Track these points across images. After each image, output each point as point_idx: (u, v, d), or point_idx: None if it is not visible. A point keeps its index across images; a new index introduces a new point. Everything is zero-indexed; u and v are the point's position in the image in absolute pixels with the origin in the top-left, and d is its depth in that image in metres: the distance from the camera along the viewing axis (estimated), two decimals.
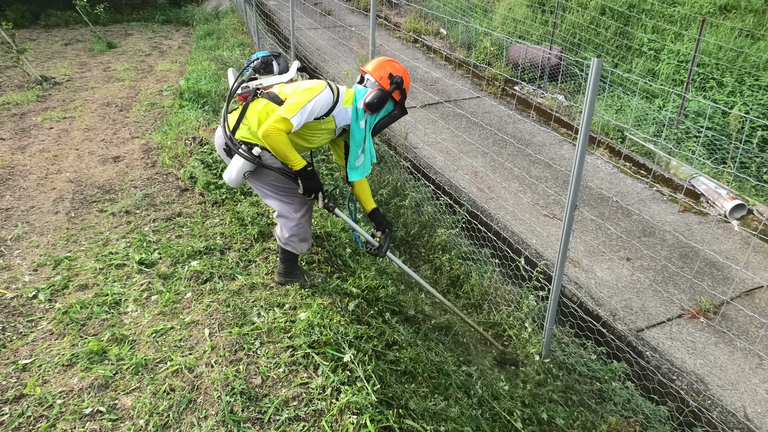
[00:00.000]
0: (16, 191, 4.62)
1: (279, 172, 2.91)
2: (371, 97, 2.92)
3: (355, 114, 2.96)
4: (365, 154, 3.09)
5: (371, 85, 2.97)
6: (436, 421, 2.48)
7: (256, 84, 3.00)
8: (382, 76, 2.96)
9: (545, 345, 3.46)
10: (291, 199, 3.01)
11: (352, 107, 2.95)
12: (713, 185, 5.86)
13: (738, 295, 4.50)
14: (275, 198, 3.02)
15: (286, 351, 2.68)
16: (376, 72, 2.98)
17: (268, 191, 3.01)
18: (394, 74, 2.97)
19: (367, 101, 2.92)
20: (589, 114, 2.71)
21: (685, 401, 3.50)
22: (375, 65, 3.03)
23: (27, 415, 2.31)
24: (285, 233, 3.06)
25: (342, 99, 2.93)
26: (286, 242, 3.09)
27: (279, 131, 2.70)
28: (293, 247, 3.11)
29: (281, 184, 2.97)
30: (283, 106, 2.76)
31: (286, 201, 3.01)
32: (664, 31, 8.74)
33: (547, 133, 7.33)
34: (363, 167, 3.13)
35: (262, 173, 2.94)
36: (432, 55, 10.52)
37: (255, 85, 2.99)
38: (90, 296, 3.12)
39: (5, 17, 11.96)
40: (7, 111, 6.91)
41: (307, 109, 2.76)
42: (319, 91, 2.80)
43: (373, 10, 5.02)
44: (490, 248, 4.71)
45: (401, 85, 2.99)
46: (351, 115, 2.96)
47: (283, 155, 2.77)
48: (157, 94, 7.69)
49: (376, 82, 2.96)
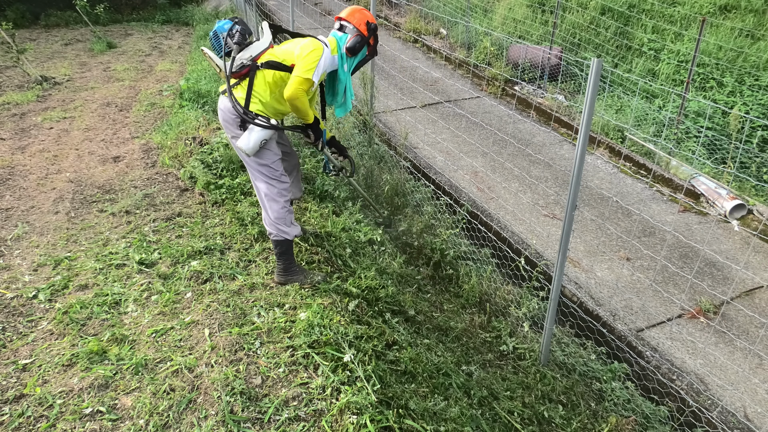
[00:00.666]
0: (16, 191, 4.62)
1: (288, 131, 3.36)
2: (352, 42, 3.27)
3: (341, 60, 3.28)
4: (348, 93, 3.45)
5: (350, 31, 3.30)
6: (436, 421, 2.48)
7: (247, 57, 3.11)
8: (360, 23, 3.30)
9: (545, 345, 3.46)
10: (279, 184, 3.23)
11: (338, 54, 3.26)
12: (713, 185, 5.86)
13: (738, 295, 4.50)
14: (265, 181, 3.20)
15: (286, 351, 2.68)
16: (354, 19, 3.31)
17: (260, 173, 3.20)
18: (371, 22, 3.32)
19: (349, 46, 3.27)
20: (589, 114, 2.71)
21: (685, 401, 3.50)
22: (350, 13, 3.35)
23: (27, 415, 2.31)
24: (272, 215, 3.22)
25: (329, 48, 3.19)
26: (276, 228, 3.22)
27: (303, 92, 3.00)
28: (284, 232, 3.23)
29: (275, 168, 3.22)
30: (298, 70, 3.00)
31: (274, 185, 3.21)
32: (664, 31, 8.74)
33: (547, 133, 7.33)
34: (346, 105, 3.51)
35: (264, 154, 3.16)
36: (432, 55, 10.52)
37: (247, 58, 3.11)
38: (90, 296, 3.12)
39: (5, 17, 11.96)
40: (7, 111, 6.91)
41: (321, 67, 3.07)
42: (322, 50, 3.09)
43: (372, 10, 5.02)
44: (490, 248, 4.71)
45: (376, 31, 3.38)
46: (338, 61, 3.27)
47: (304, 112, 3.10)
48: (157, 94, 7.69)
49: (355, 28, 3.29)
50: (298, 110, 3.08)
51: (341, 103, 3.49)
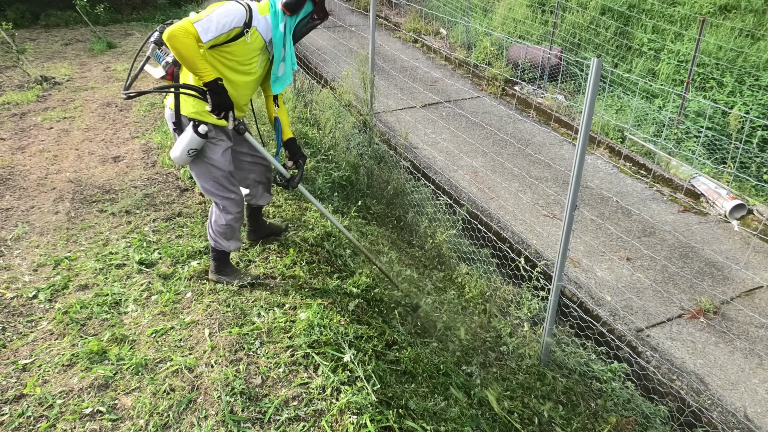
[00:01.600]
0: (16, 191, 4.62)
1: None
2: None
3: (275, 18, 2.87)
4: (286, 63, 3.02)
5: None
6: (436, 421, 2.48)
7: (171, 57, 2.92)
8: None
9: (545, 345, 3.46)
10: (224, 201, 3.02)
11: (271, 13, 2.87)
12: (713, 185, 5.86)
13: (738, 295, 4.50)
14: (210, 193, 3.01)
15: (286, 351, 2.68)
16: None
17: (208, 181, 2.98)
18: None
19: (285, 0, 2.84)
20: (589, 114, 2.71)
21: (685, 401, 3.50)
22: None
23: (27, 415, 2.31)
24: (215, 227, 3.08)
25: (256, 10, 2.83)
26: (215, 240, 3.13)
27: (187, 33, 2.56)
28: (222, 246, 3.14)
29: (219, 182, 2.98)
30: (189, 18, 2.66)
31: (218, 201, 3.03)
32: (664, 31, 8.74)
33: (547, 133, 7.33)
34: (285, 77, 3.07)
35: (202, 161, 2.91)
36: (432, 55, 10.52)
37: (171, 58, 2.91)
38: (90, 296, 3.12)
39: (5, 17, 11.95)
40: (7, 111, 6.91)
41: (213, 18, 2.64)
42: (230, 6, 2.72)
43: (373, 10, 5.02)
44: (490, 248, 4.71)
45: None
46: (271, 22, 2.87)
47: (192, 63, 2.60)
48: (157, 94, 7.69)
49: None
50: (182, 57, 2.59)
51: (277, 76, 3.05)
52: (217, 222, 3.08)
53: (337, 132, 5.55)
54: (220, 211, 3.07)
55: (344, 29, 11.39)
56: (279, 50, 2.94)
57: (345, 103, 6.03)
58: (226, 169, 2.99)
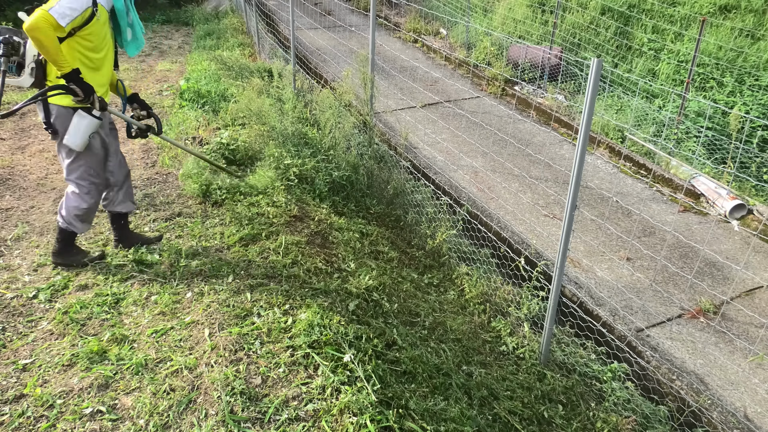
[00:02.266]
0: (16, 191, 4.62)
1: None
2: None
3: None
4: (134, 28, 3.24)
5: None
6: (436, 421, 2.48)
7: (32, 58, 3.00)
8: None
9: (545, 345, 3.46)
10: (97, 179, 3.21)
11: None
12: (713, 185, 5.86)
13: (738, 295, 4.50)
14: (75, 179, 3.15)
15: (286, 351, 2.68)
16: None
17: (81, 165, 3.13)
18: None
19: None
20: (589, 114, 2.71)
21: (685, 401, 3.50)
22: None
23: (27, 415, 2.31)
24: (72, 210, 3.19)
25: None
26: (70, 221, 3.22)
27: (47, 22, 2.71)
28: (74, 227, 3.25)
29: (97, 160, 3.17)
30: (44, 6, 2.78)
31: (93, 180, 3.19)
32: (664, 31, 8.74)
33: (547, 133, 7.33)
34: (136, 40, 3.30)
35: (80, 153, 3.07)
36: (432, 55, 10.52)
37: (31, 65, 3.00)
38: (90, 296, 3.12)
39: (5, 17, 11.94)
40: (7, 111, 6.91)
41: (64, 2, 2.77)
42: None
43: (373, 10, 5.02)
44: (490, 248, 4.71)
45: None
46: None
47: (54, 54, 2.76)
48: (157, 94, 7.69)
49: None
50: (43, 47, 2.74)
51: (128, 40, 3.25)
52: (78, 206, 3.20)
53: (337, 132, 5.55)
54: (84, 194, 3.19)
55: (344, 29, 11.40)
56: (124, 18, 3.15)
57: (345, 103, 6.03)
58: (100, 154, 3.21)
